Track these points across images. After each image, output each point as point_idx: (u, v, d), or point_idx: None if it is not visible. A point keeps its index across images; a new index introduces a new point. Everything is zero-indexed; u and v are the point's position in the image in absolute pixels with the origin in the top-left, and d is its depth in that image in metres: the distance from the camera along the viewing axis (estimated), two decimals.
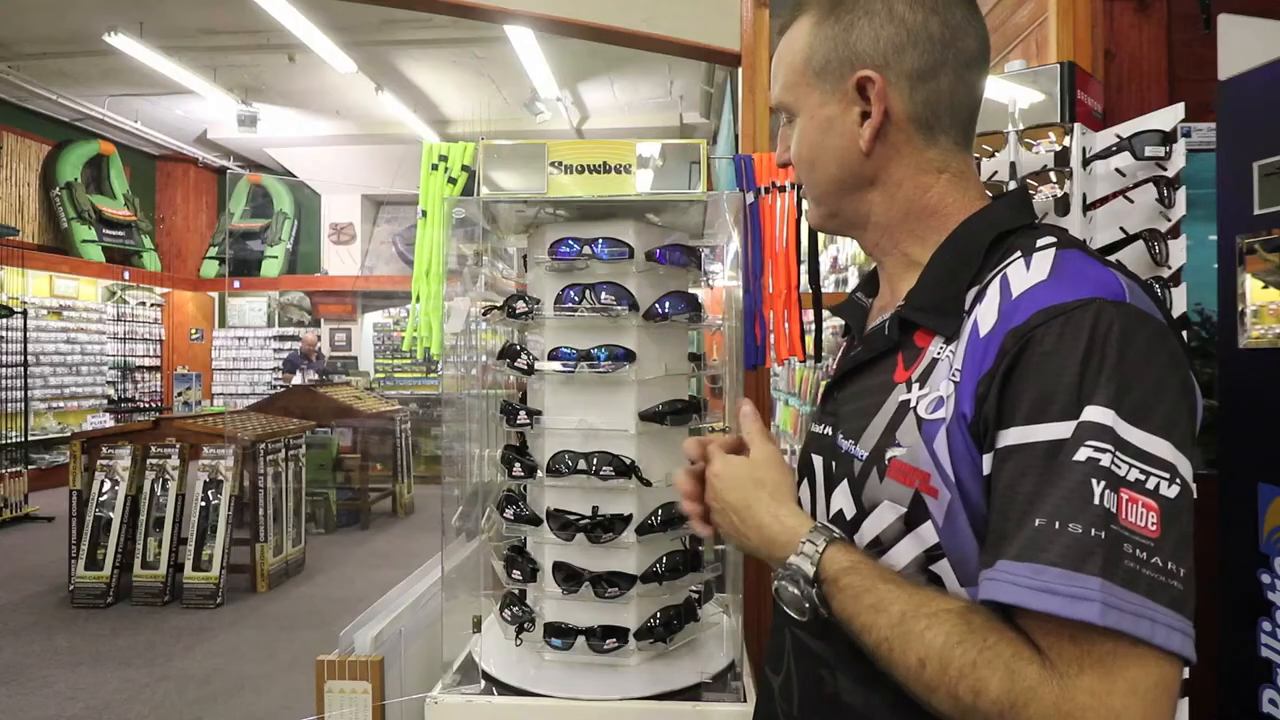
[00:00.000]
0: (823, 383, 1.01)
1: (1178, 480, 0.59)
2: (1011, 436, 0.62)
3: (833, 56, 0.79)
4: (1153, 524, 0.57)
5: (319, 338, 11.71)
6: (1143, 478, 0.58)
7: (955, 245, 0.78)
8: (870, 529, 0.74)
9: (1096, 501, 0.57)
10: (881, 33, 0.77)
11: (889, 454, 0.72)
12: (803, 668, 0.82)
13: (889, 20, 0.77)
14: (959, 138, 0.80)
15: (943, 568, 0.69)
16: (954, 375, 0.69)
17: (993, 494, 0.64)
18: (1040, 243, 0.72)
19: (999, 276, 0.71)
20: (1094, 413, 0.59)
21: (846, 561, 0.69)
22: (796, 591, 0.71)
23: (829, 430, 0.83)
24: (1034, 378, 0.62)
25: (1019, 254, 0.72)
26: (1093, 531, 0.57)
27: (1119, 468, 0.58)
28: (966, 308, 0.72)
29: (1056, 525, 0.58)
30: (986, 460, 0.65)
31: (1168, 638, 0.55)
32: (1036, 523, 0.58)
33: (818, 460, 0.85)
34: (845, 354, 0.92)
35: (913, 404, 0.72)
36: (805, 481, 0.87)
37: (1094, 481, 0.58)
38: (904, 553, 0.71)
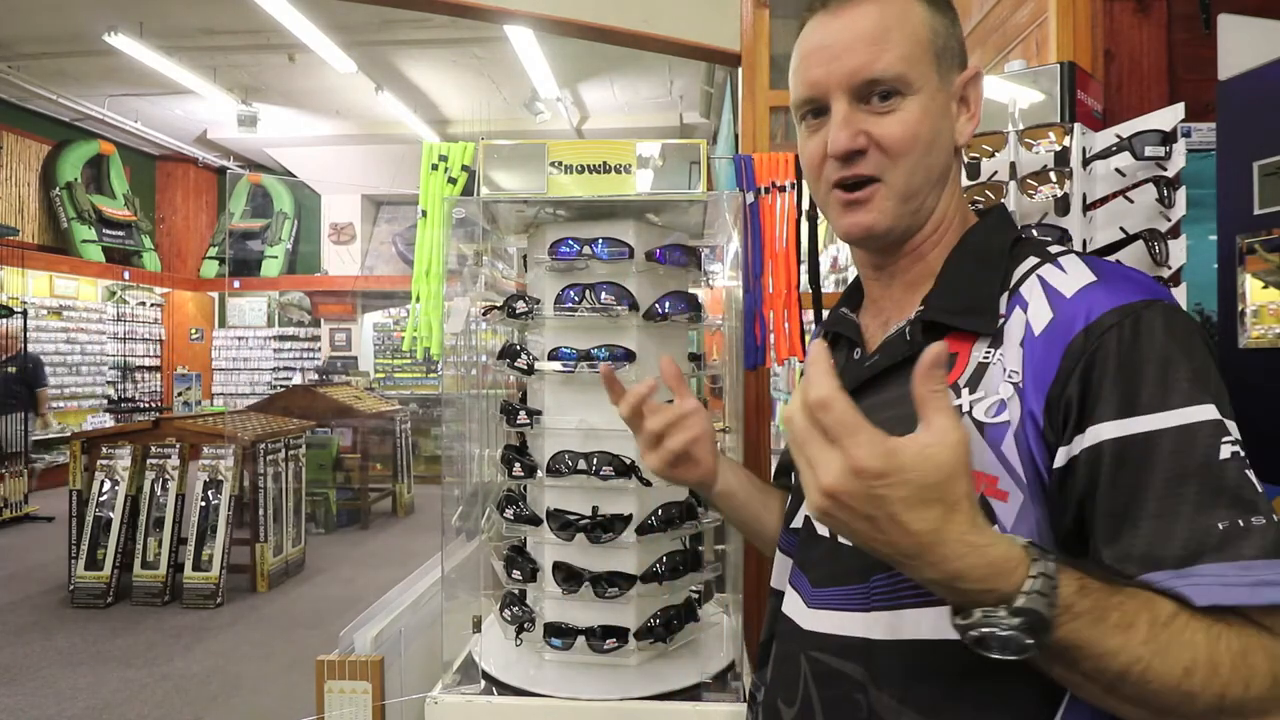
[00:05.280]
0: None
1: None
2: (1108, 430, 0.63)
3: (951, 45, 0.78)
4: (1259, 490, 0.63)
5: None
6: (1246, 460, 0.63)
7: (973, 251, 0.79)
8: None
9: (1257, 491, 0.62)
10: (960, 36, 0.80)
11: None
12: (829, 693, 0.77)
13: (959, 29, 0.80)
14: None
15: None
16: (1010, 377, 0.69)
17: (1099, 486, 0.64)
18: (1053, 250, 0.76)
19: (1033, 279, 0.72)
20: (1206, 410, 0.63)
21: (1075, 583, 0.58)
22: (1020, 635, 0.56)
23: None
24: (1122, 373, 0.64)
25: (1038, 259, 0.74)
26: (1262, 519, 0.61)
27: (1243, 454, 0.63)
28: (1002, 310, 0.72)
29: (1241, 523, 0.60)
30: (1062, 453, 0.66)
31: None
32: (1221, 525, 0.60)
33: None
34: (844, 369, 0.86)
35: (966, 409, 0.71)
36: None
37: (1245, 472, 0.62)
38: None
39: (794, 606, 0.84)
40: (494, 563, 1.67)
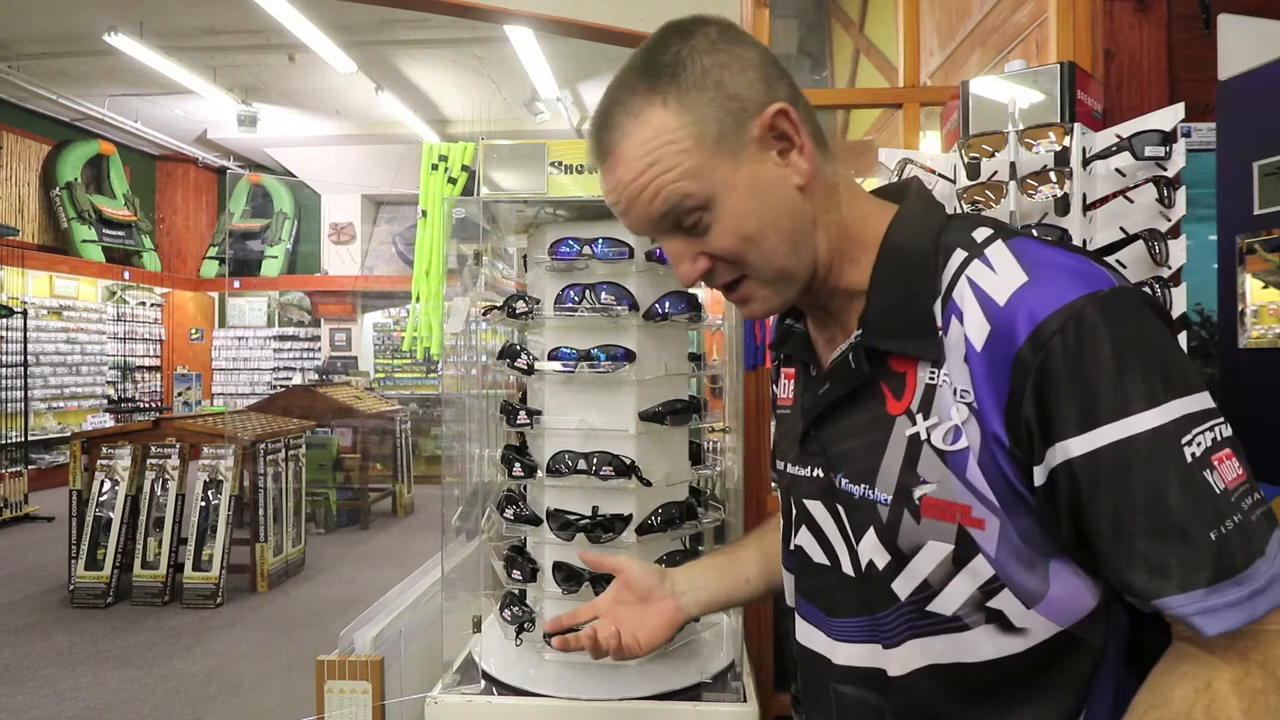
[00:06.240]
0: (784, 413, 0.92)
1: (1223, 419, 0.63)
2: (1075, 446, 0.61)
3: (723, 115, 0.70)
4: (1240, 470, 0.61)
5: None
6: (1219, 435, 0.62)
7: (897, 260, 0.73)
8: (914, 574, 0.70)
9: (1230, 488, 0.60)
10: (746, 74, 0.71)
11: (917, 493, 0.69)
12: None
13: (741, 63, 0.72)
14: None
15: (1004, 599, 0.67)
16: (962, 397, 0.66)
17: (1081, 504, 0.63)
18: (978, 236, 0.71)
19: (964, 282, 0.68)
20: (1169, 409, 0.61)
21: None
22: None
23: (820, 473, 0.79)
24: (1075, 383, 0.61)
25: (964, 254, 0.70)
26: (1250, 515, 0.60)
27: (1214, 442, 0.61)
28: (939, 322, 0.69)
29: (1233, 521, 0.59)
30: (1038, 472, 0.64)
31: None
32: (1212, 535, 0.59)
33: (816, 505, 0.80)
34: (806, 387, 0.84)
35: (924, 436, 0.68)
36: (804, 529, 0.82)
37: (1215, 460, 0.60)
38: (958, 592, 0.69)
39: (811, 634, 0.83)
40: (494, 563, 1.67)
